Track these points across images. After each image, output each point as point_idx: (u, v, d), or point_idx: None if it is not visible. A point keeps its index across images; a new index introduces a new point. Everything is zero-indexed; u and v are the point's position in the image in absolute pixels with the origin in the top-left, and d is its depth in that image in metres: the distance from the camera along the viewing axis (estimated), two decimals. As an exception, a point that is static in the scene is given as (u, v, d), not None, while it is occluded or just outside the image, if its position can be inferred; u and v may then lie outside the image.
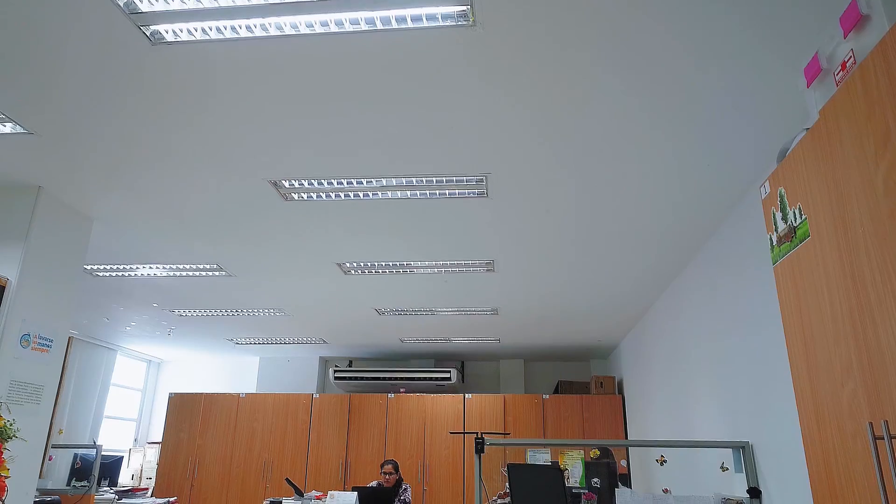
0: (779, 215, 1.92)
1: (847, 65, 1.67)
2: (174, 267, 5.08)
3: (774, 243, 1.95)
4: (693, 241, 4.34)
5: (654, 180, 3.47)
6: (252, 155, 3.27)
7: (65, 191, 3.73)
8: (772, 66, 2.48)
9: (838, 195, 1.61)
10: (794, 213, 1.82)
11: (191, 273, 5.20)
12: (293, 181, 3.55)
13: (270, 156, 3.27)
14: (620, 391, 7.74)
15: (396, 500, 6.07)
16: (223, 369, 9.18)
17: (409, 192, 3.67)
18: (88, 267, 5.08)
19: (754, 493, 3.53)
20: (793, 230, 1.83)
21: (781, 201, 1.90)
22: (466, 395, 7.81)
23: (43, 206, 3.71)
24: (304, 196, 3.73)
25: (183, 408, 8.07)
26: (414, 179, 3.51)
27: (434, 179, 3.50)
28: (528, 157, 3.23)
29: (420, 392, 8.02)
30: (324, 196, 3.73)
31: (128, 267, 5.09)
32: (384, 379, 8.04)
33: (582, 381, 8.21)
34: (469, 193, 3.66)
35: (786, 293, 1.90)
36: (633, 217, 3.96)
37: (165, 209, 3.98)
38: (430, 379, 7.98)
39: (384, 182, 3.54)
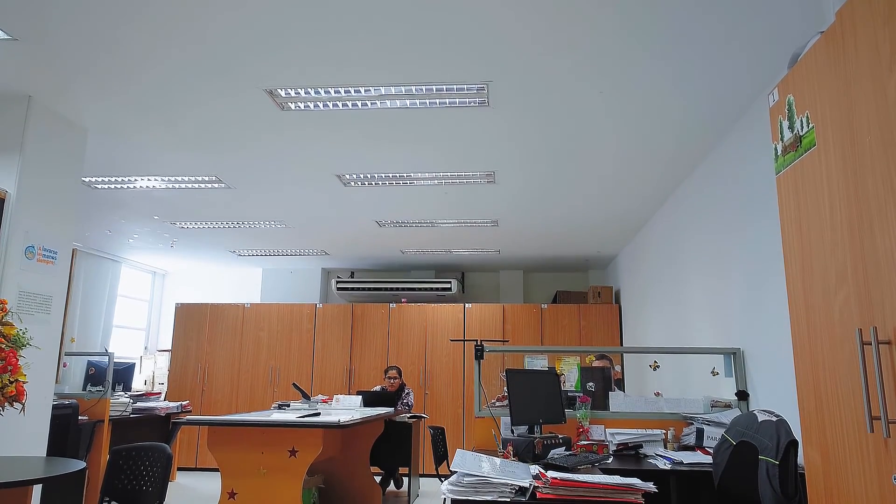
0: (786, 124, 1.89)
1: (869, -38, 1.58)
2: (172, 179, 5.04)
3: (779, 153, 1.93)
4: (695, 153, 4.28)
5: (660, 89, 3.38)
6: (246, 62, 3.17)
7: (56, 100, 3.64)
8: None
9: (848, 102, 1.57)
10: (802, 121, 1.79)
11: (189, 185, 5.17)
12: (289, 90, 3.46)
13: (265, 63, 3.17)
14: (617, 301, 7.90)
15: (399, 402, 6.35)
16: (227, 280, 9.34)
17: (408, 102, 3.58)
18: (87, 179, 5.05)
19: (742, 395, 3.68)
20: (799, 139, 1.81)
21: (789, 109, 1.86)
22: (466, 305, 7.99)
23: (35, 117, 3.64)
24: (301, 105, 3.65)
25: (190, 317, 8.27)
26: (413, 88, 3.42)
27: (434, 88, 3.41)
28: (530, 64, 3.13)
29: (421, 302, 8.20)
30: (321, 106, 3.65)
31: (126, 179, 5.06)
32: (386, 289, 8.19)
33: (580, 291, 8.36)
34: (470, 102, 3.58)
35: (787, 203, 1.89)
36: (636, 127, 3.89)
37: (160, 119, 3.90)
38: (431, 289, 8.13)
39: (382, 91, 3.45)
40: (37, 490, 3.70)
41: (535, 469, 2.37)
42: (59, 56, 3.14)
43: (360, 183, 5.07)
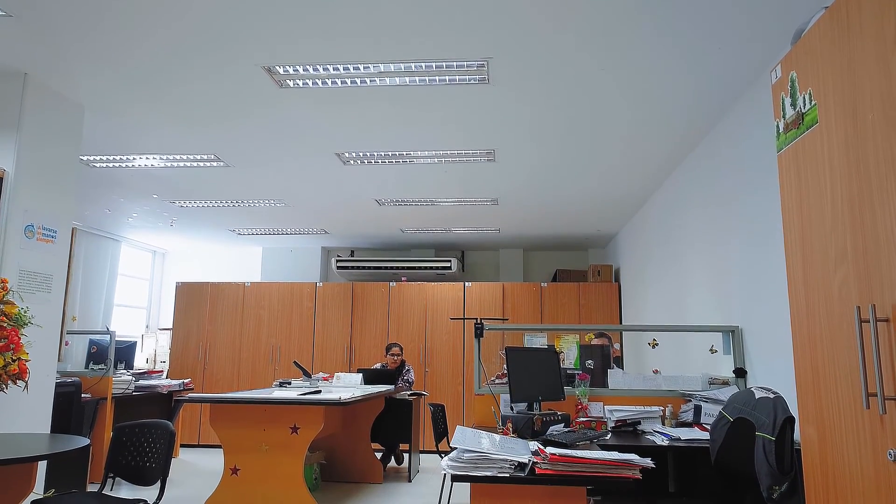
0: (788, 101, 1.87)
1: (876, -65, 1.55)
2: (171, 157, 5.02)
3: (781, 130, 1.92)
4: (696, 130, 4.26)
5: (662, 67, 3.34)
6: (243, 39, 3.13)
7: (51, 77, 3.61)
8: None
9: (851, 79, 1.56)
10: (804, 98, 1.77)
11: (188, 164, 5.15)
12: (287, 67, 3.43)
13: (262, 40, 3.14)
14: (617, 279, 7.92)
15: (400, 379, 6.40)
16: (227, 259, 9.34)
17: (407, 79, 3.55)
18: (85, 157, 5.02)
19: (740, 372, 3.71)
20: (801, 117, 1.79)
21: (792, 86, 1.84)
22: (466, 284, 8.00)
23: (31, 94, 3.61)
24: (300, 83, 3.62)
25: (190, 296, 8.30)
26: (413, 65, 3.38)
27: (434, 65, 3.38)
28: (530, 41, 3.10)
29: (421, 281, 8.21)
30: (319, 83, 3.61)
31: (124, 157, 5.04)
32: (386, 268, 8.20)
33: (580, 269, 8.38)
34: (470, 80, 3.55)
35: (788, 181, 1.89)
36: (638, 105, 3.86)
37: (157, 96, 3.87)
38: (431, 268, 8.14)
39: (381, 68, 3.42)
40: (42, 467, 3.75)
41: (534, 445, 2.40)
42: (54, 32, 3.10)
43: (359, 161, 5.05)
